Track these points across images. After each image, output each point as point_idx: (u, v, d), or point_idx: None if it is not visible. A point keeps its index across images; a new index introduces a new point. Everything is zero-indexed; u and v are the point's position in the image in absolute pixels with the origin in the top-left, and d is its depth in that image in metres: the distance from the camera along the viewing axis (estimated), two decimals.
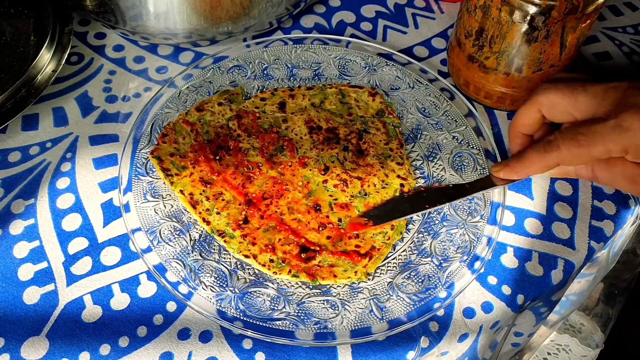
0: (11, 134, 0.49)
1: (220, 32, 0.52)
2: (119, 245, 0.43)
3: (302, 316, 0.39)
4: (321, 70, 0.54)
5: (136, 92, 0.53)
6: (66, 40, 0.52)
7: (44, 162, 0.48)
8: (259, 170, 0.46)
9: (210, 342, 0.39)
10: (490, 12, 0.45)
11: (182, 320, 0.40)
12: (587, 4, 0.41)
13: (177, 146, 0.47)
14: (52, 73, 0.49)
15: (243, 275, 0.41)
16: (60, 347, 0.38)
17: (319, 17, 0.61)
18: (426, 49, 0.58)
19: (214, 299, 0.39)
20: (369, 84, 0.53)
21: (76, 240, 0.43)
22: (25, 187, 0.46)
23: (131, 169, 0.45)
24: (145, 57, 0.56)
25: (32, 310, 0.40)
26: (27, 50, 0.50)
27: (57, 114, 0.51)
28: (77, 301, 0.40)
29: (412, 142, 0.49)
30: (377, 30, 0.60)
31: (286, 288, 0.41)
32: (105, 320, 0.40)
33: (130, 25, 0.51)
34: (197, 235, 0.43)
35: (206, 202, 0.44)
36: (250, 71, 0.53)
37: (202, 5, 0.49)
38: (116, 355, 0.38)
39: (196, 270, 0.41)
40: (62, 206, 0.45)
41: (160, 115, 0.49)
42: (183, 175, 0.45)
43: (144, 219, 0.43)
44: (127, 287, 0.41)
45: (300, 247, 0.42)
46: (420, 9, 0.63)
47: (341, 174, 0.46)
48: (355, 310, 0.40)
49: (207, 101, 0.50)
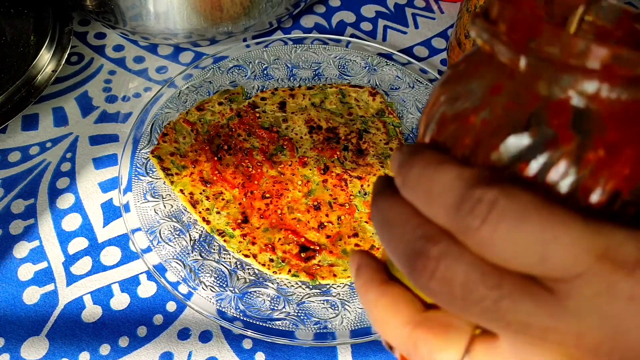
0: (11, 134, 0.49)
1: (220, 32, 0.52)
2: (119, 245, 0.43)
3: (302, 316, 0.39)
4: (321, 70, 0.54)
5: (136, 92, 0.53)
6: (66, 40, 0.52)
7: (44, 162, 0.48)
8: (259, 170, 0.46)
9: (210, 342, 0.39)
10: None
11: (182, 320, 0.40)
12: None
13: (178, 145, 0.47)
14: (52, 73, 0.49)
15: (243, 275, 0.41)
16: (60, 347, 0.38)
17: (319, 17, 0.61)
18: (426, 49, 0.58)
19: (214, 299, 0.39)
20: (369, 84, 0.53)
21: (76, 240, 0.43)
22: (25, 187, 0.46)
23: (131, 169, 0.45)
24: (145, 57, 0.56)
25: (32, 310, 0.40)
26: (27, 50, 0.50)
27: (57, 114, 0.51)
28: (77, 301, 0.40)
29: (412, 142, 0.49)
30: (377, 30, 0.60)
31: (286, 288, 0.41)
32: (105, 320, 0.40)
33: (130, 25, 0.51)
34: (197, 235, 0.43)
35: (206, 201, 0.44)
36: (250, 71, 0.53)
37: (202, 5, 0.49)
38: (116, 355, 0.38)
39: (196, 270, 0.41)
40: (62, 206, 0.45)
41: (160, 115, 0.49)
42: (183, 175, 0.45)
43: (144, 219, 0.43)
44: (127, 287, 0.41)
45: (300, 247, 0.42)
46: (420, 9, 0.63)
47: (341, 173, 0.46)
48: (355, 310, 0.40)
49: (208, 101, 0.50)
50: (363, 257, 0.19)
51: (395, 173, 0.17)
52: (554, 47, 0.14)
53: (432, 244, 0.15)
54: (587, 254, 0.13)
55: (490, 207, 0.14)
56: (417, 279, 0.15)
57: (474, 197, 0.14)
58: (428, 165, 0.15)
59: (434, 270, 0.15)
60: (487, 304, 0.14)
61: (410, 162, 0.16)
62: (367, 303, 0.18)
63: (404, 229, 0.16)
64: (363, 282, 0.18)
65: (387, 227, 0.16)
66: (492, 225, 0.14)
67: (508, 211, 0.13)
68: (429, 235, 0.15)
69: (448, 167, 0.15)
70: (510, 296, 0.14)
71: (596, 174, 0.14)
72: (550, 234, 0.13)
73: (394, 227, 0.16)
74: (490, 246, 0.14)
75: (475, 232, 0.14)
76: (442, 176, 0.15)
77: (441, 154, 0.16)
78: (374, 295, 0.17)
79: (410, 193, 0.16)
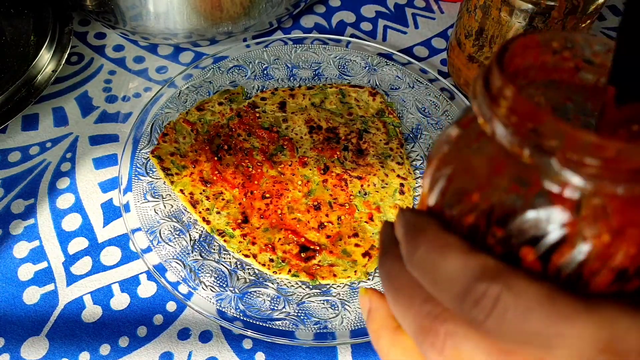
0: (11, 134, 0.49)
1: (220, 32, 0.52)
2: (119, 245, 0.43)
3: (302, 316, 0.39)
4: (321, 70, 0.54)
5: (136, 92, 0.53)
6: (66, 40, 0.52)
7: (44, 162, 0.48)
8: (259, 170, 0.46)
9: (210, 342, 0.39)
10: (490, 12, 0.45)
11: (182, 320, 0.40)
12: (587, 4, 0.41)
13: (178, 145, 0.47)
14: (52, 73, 0.49)
15: (243, 275, 0.41)
16: (60, 347, 0.38)
17: (319, 17, 0.61)
18: (426, 49, 0.58)
19: (214, 299, 0.39)
20: (369, 84, 0.53)
21: (76, 240, 0.43)
22: (25, 187, 0.46)
23: (131, 169, 0.45)
24: (145, 57, 0.56)
25: (32, 310, 0.40)
26: (27, 50, 0.50)
27: (57, 114, 0.51)
28: (77, 301, 0.40)
29: (412, 142, 0.49)
30: (377, 30, 0.60)
31: (286, 288, 0.41)
32: (105, 320, 0.40)
33: (130, 25, 0.51)
34: (197, 235, 0.43)
35: (206, 201, 0.44)
36: (250, 71, 0.53)
37: (202, 5, 0.49)
38: (116, 355, 0.38)
39: (196, 270, 0.41)
40: (62, 206, 0.45)
41: (160, 115, 0.49)
42: (183, 175, 0.45)
43: (144, 219, 0.43)
44: (127, 287, 0.41)
45: (300, 247, 0.42)
46: (420, 9, 0.63)
47: (341, 173, 0.46)
48: (355, 310, 0.40)
49: (208, 101, 0.50)
50: (373, 300, 0.19)
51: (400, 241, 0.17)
52: (555, 141, 0.14)
53: (439, 323, 0.16)
54: (590, 347, 0.14)
55: (494, 302, 0.14)
56: (427, 352, 0.16)
57: (478, 291, 0.14)
58: (433, 249, 0.16)
59: (442, 349, 0.16)
60: None
61: (416, 240, 0.16)
62: (380, 350, 0.19)
63: (412, 301, 0.17)
64: (375, 328, 0.19)
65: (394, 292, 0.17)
66: (496, 319, 0.14)
67: (512, 306, 0.14)
68: (435, 313, 0.16)
69: (453, 255, 0.15)
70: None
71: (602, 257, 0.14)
72: (553, 329, 0.14)
73: (401, 295, 0.17)
74: (495, 337, 0.15)
75: (480, 325, 0.15)
76: (447, 265, 0.15)
77: (447, 234, 0.16)
78: (386, 344, 0.18)
79: (416, 273, 0.16)
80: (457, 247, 0.15)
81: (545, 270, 0.15)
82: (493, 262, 0.15)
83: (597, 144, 0.13)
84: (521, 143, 0.14)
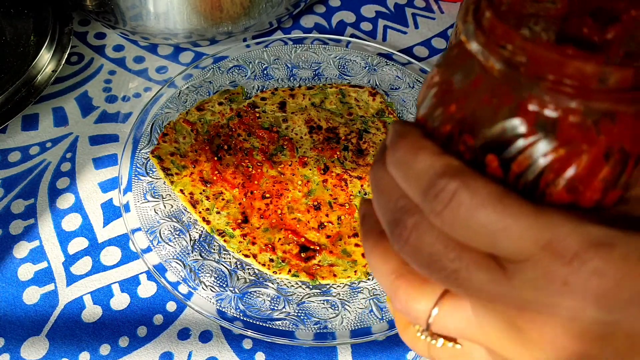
0: (11, 134, 0.49)
1: (220, 32, 0.52)
2: (119, 245, 0.43)
3: (302, 316, 0.39)
4: (321, 70, 0.54)
5: (136, 92, 0.53)
6: (66, 40, 0.52)
7: (44, 162, 0.48)
8: (259, 170, 0.46)
9: (210, 342, 0.39)
10: None
11: (182, 320, 0.40)
12: None
13: (178, 145, 0.47)
14: (52, 73, 0.49)
15: (243, 275, 0.41)
16: (60, 347, 0.38)
17: (319, 17, 0.61)
18: (426, 49, 0.58)
19: (214, 299, 0.39)
20: (369, 84, 0.53)
21: (76, 240, 0.43)
22: (25, 187, 0.46)
23: (131, 169, 0.45)
24: (145, 57, 0.56)
25: (32, 310, 0.40)
26: (27, 50, 0.50)
27: (57, 114, 0.51)
28: (77, 301, 0.40)
29: None
30: (377, 30, 0.60)
31: (286, 288, 0.41)
32: (105, 320, 0.40)
33: (130, 25, 0.51)
34: (197, 235, 0.43)
35: (206, 201, 0.44)
36: (250, 71, 0.53)
37: (202, 5, 0.49)
38: (116, 355, 0.38)
39: (196, 270, 0.41)
40: (62, 206, 0.45)
41: (160, 115, 0.49)
42: (183, 175, 0.45)
43: (144, 219, 0.43)
44: (127, 287, 0.41)
45: (300, 247, 0.42)
46: (420, 9, 0.63)
47: (341, 173, 0.46)
48: (355, 310, 0.40)
49: (208, 101, 0.50)
50: (368, 208, 0.21)
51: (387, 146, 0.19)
52: (521, 57, 0.16)
53: (408, 216, 0.18)
54: (532, 244, 0.15)
55: (451, 196, 0.16)
56: (395, 243, 0.18)
57: (439, 186, 0.16)
58: (410, 150, 0.18)
59: (407, 238, 0.17)
60: (447, 272, 0.17)
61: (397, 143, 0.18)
62: (365, 249, 0.21)
63: (389, 198, 0.19)
64: (365, 230, 0.21)
65: (377, 193, 0.19)
66: (451, 211, 0.16)
67: (466, 201, 0.16)
68: (407, 207, 0.18)
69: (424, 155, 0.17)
70: (467, 268, 0.16)
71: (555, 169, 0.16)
72: (501, 224, 0.16)
73: (382, 195, 0.19)
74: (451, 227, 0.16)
75: (438, 215, 0.16)
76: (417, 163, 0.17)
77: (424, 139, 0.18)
78: (370, 244, 0.20)
79: (393, 172, 0.18)
80: (429, 148, 0.17)
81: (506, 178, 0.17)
82: (457, 163, 0.17)
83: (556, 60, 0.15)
84: (494, 58, 0.16)
